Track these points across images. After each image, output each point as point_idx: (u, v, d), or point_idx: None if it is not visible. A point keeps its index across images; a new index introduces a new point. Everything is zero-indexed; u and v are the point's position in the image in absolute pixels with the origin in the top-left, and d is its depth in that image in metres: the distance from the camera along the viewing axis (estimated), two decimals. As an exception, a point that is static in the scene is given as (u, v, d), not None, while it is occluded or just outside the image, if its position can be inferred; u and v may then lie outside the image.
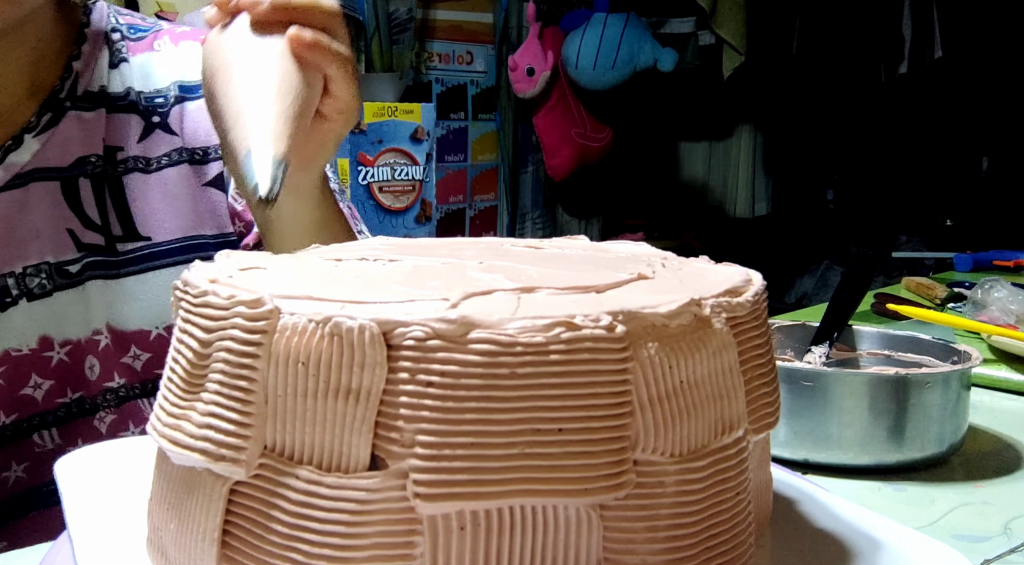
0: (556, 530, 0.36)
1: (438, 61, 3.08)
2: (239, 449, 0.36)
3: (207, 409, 0.37)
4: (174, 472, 0.40)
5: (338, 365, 0.35)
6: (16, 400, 0.73)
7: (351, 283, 0.41)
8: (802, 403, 0.69)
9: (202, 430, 0.37)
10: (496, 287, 0.39)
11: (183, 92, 0.82)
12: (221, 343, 0.37)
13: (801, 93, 3.16)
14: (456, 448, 0.34)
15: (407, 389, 0.34)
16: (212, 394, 0.37)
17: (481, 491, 0.34)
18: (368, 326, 0.34)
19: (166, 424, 0.39)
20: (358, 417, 0.35)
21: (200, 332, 0.38)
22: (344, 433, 0.35)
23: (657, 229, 3.32)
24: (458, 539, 0.34)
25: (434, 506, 0.34)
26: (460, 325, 0.34)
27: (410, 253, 0.47)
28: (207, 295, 0.38)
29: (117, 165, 0.78)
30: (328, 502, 0.35)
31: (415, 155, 3.06)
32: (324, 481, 0.35)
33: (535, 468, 0.34)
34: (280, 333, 0.35)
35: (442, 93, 3.10)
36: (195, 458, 0.37)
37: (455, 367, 0.34)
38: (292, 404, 0.35)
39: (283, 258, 0.47)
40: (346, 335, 0.34)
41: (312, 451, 0.35)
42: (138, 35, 0.83)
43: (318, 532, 0.35)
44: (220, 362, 0.37)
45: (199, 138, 0.82)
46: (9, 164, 0.72)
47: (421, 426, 0.34)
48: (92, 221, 0.76)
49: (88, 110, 0.77)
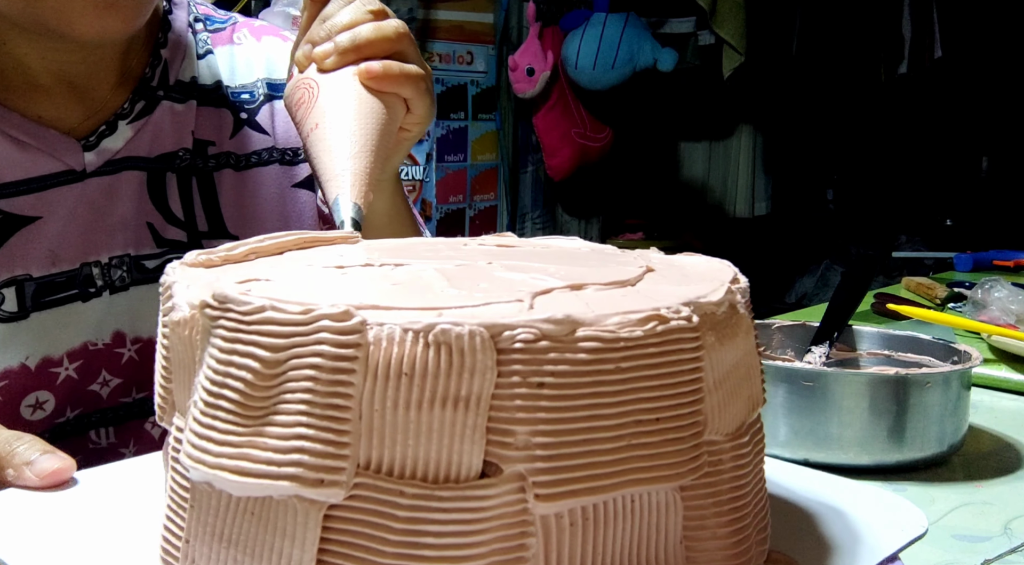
0: (648, 515, 0.37)
1: (438, 61, 3.08)
2: (337, 470, 0.34)
3: (292, 432, 0.34)
4: (231, 505, 0.36)
5: (446, 373, 0.33)
6: (84, 395, 0.72)
7: (396, 290, 0.40)
8: (802, 403, 0.69)
9: (290, 455, 0.34)
10: (552, 286, 0.39)
11: (271, 90, 0.82)
12: (300, 361, 0.34)
13: (801, 93, 3.16)
14: (571, 446, 0.34)
15: (520, 392, 0.34)
16: (294, 415, 0.34)
17: (596, 486, 0.35)
18: (478, 331, 0.33)
19: (222, 455, 0.35)
20: (469, 424, 0.34)
21: (263, 351, 0.35)
22: (454, 442, 0.34)
23: (657, 229, 3.32)
24: (570, 536, 0.35)
25: (553, 506, 0.34)
26: (566, 325, 0.34)
27: (406, 257, 0.46)
28: (267, 310, 0.35)
29: (208, 160, 0.78)
30: (442, 515, 0.34)
31: (415, 155, 3.07)
32: (437, 494, 0.34)
33: (639, 458, 0.36)
34: (375, 345, 0.34)
35: (442, 93, 3.10)
36: (281, 486, 0.34)
37: (565, 366, 0.34)
38: (392, 418, 0.34)
39: (268, 268, 0.45)
40: (455, 342, 0.33)
41: (418, 464, 0.34)
42: (215, 26, 0.82)
43: (433, 546, 0.34)
44: (302, 380, 0.34)
45: (290, 138, 0.82)
46: (103, 149, 0.71)
47: (536, 428, 0.34)
48: (175, 216, 0.76)
49: (180, 101, 0.76)
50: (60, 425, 0.71)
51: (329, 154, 0.61)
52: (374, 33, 0.65)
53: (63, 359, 0.70)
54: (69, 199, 0.70)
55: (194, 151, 0.77)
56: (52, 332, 0.70)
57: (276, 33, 0.86)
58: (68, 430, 0.72)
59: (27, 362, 0.69)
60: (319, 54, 0.65)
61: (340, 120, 0.62)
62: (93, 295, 0.71)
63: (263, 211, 0.79)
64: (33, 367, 0.69)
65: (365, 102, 0.63)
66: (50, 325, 0.70)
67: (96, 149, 0.71)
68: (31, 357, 0.69)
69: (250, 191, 0.79)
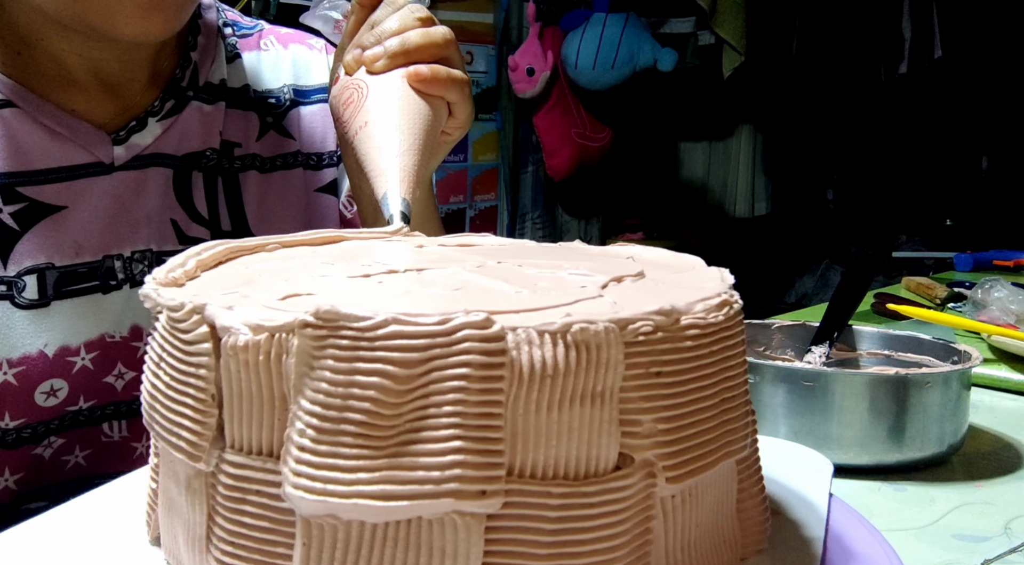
0: (722, 486, 0.41)
1: (438, 61, 3.08)
2: (495, 479, 0.34)
3: (447, 447, 0.33)
4: (364, 535, 0.34)
5: (582, 371, 0.34)
6: (99, 387, 0.73)
7: (462, 295, 0.39)
8: (802, 403, 0.69)
9: (448, 471, 0.33)
10: (601, 280, 0.42)
11: (297, 96, 0.85)
12: (443, 373, 0.33)
13: (801, 93, 3.16)
14: (686, 429, 0.37)
15: (643, 383, 0.36)
16: (445, 429, 0.33)
17: (706, 462, 0.38)
18: (611, 328, 0.35)
19: (356, 482, 0.33)
20: (604, 418, 0.35)
21: (393, 368, 0.33)
22: (592, 437, 0.35)
23: (657, 229, 3.32)
24: (682, 513, 0.38)
25: (678, 486, 0.37)
26: (672, 315, 0.37)
27: (411, 263, 0.45)
28: (392, 324, 0.33)
29: (234, 161, 0.80)
30: (589, 510, 0.35)
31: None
32: (582, 490, 0.35)
33: (728, 432, 0.39)
34: (516, 349, 0.34)
35: (442, 93, 3.09)
36: (440, 504, 0.33)
37: (675, 354, 0.37)
38: (536, 420, 0.34)
39: (293, 278, 0.42)
40: (593, 339, 0.34)
41: (560, 463, 0.35)
42: (243, 31, 0.84)
43: (584, 542, 0.35)
44: (449, 393, 0.33)
45: (315, 143, 0.84)
46: (132, 144, 0.73)
47: (659, 415, 0.36)
48: (200, 215, 0.77)
49: (209, 102, 0.78)
50: (73, 414, 0.72)
51: (378, 151, 0.62)
52: (423, 38, 0.67)
53: (80, 349, 0.72)
54: (96, 191, 0.71)
55: (221, 152, 0.79)
56: (71, 322, 0.71)
57: (302, 41, 0.88)
58: (81, 420, 0.73)
59: (45, 349, 0.70)
60: (369, 57, 0.68)
61: (389, 119, 0.64)
62: (114, 288, 0.73)
63: (286, 213, 0.81)
64: (51, 355, 0.70)
65: (413, 103, 0.65)
66: (70, 315, 0.71)
67: (125, 144, 0.73)
68: (49, 345, 0.70)
69: (274, 193, 0.81)
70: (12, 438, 0.70)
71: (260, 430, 0.36)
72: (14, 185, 0.69)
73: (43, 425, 0.71)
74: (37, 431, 0.71)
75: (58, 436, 0.72)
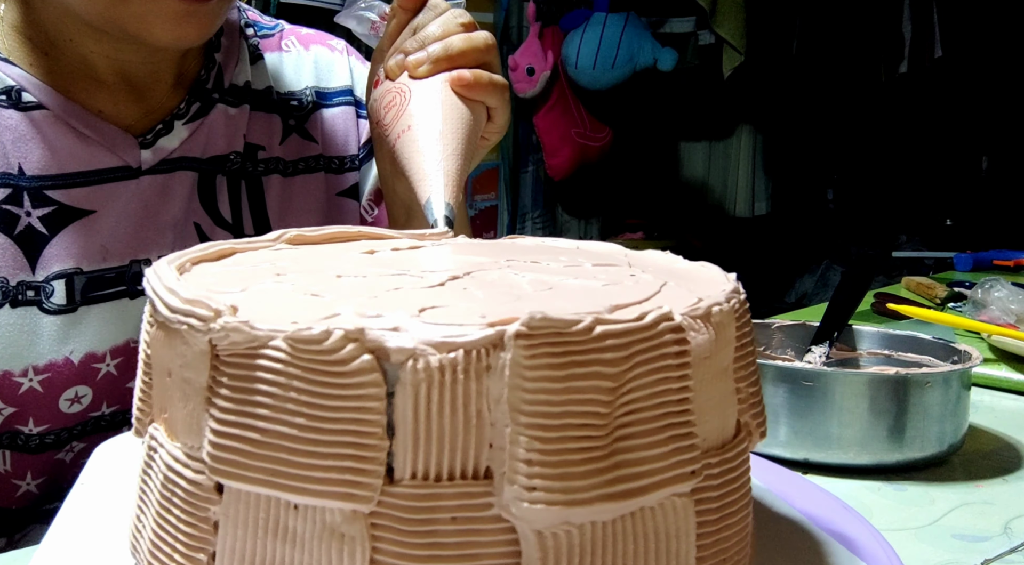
0: None
1: (438, 61, 3.08)
2: (697, 459, 0.37)
3: (664, 436, 0.35)
4: (591, 535, 0.34)
5: (719, 349, 0.38)
6: (122, 392, 0.73)
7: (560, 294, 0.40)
8: (802, 403, 0.69)
9: (671, 458, 0.35)
10: (645, 278, 0.44)
11: (319, 98, 0.84)
12: (645, 368, 0.35)
13: (801, 93, 3.16)
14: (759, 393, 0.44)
15: (737, 355, 0.41)
16: (652, 422, 0.35)
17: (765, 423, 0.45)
18: (727, 309, 0.39)
19: (592, 486, 0.33)
20: (729, 389, 0.40)
21: (608, 368, 0.33)
22: (728, 408, 0.40)
23: (657, 229, 3.32)
24: None
25: None
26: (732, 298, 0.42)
27: (472, 268, 0.44)
28: (598, 325, 0.34)
29: (258, 164, 0.79)
30: (732, 474, 0.39)
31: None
32: (726, 457, 0.39)
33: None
34: (692, 340, 0.37)
35: (442, 93, 3.09)
36: (663, 491, 0.35)
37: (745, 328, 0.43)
38: (702, 398, 0.37)
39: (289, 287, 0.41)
40: (724, 319, 0.39)
41: (715, 435, 0.39)
42: (264, 32, 0.84)
43: (738, 502, 0.40)
44: (651, 387, 0.35)
45: (336, 147, 0.83)
46: (159, 148, 0.73)
47: (748, 381, 0.42)
48: (223, 219, 0.77)
49: (234, 105, 0.78)
50: (95, 419, 0.72)
51: (422, 156, 0.63)
52: (465, 44, 0.68)
53: (106, 355, 0.71)
54: (123, 195, 0.71)
55: (244, 155, 0.78)
56: (98, 328, 0.71)
57: (323, 42, 0.87)
58: (103, 425, 0.73)
59: (71, 356, 0.70)
60: (412, 62, 0.68)
61: (432, 123, 0.64)
62: (140, 293, 0.72)
63: (308, 217, 0.80)
64: (76, 361, 0.70)
65: (455, 108, 0.66)
66: (97, 320, 0.70)
67: (153, 147, 0.72)
68: (76, 352, 0.70)
69: (296, 197, 0.81)
70: (36, 443, 0.70)
71: (454, 453, 0.34)
72: (43, 188, 0.68)
73: (66, 431, 0.71)
74: (60, 437, 0.71)
75: (80, 441, 0.72)
